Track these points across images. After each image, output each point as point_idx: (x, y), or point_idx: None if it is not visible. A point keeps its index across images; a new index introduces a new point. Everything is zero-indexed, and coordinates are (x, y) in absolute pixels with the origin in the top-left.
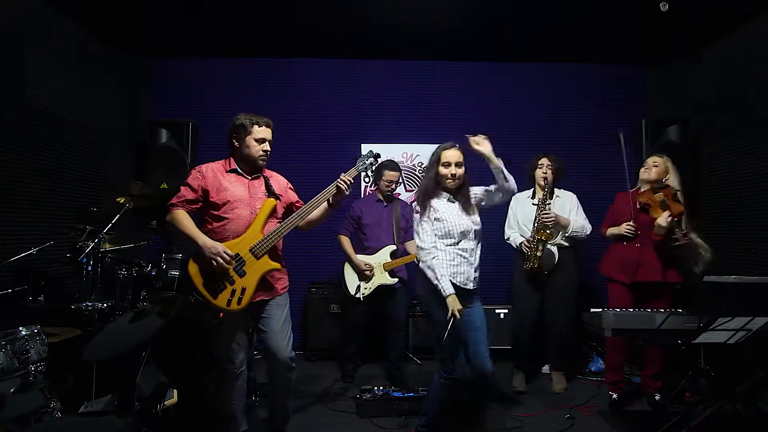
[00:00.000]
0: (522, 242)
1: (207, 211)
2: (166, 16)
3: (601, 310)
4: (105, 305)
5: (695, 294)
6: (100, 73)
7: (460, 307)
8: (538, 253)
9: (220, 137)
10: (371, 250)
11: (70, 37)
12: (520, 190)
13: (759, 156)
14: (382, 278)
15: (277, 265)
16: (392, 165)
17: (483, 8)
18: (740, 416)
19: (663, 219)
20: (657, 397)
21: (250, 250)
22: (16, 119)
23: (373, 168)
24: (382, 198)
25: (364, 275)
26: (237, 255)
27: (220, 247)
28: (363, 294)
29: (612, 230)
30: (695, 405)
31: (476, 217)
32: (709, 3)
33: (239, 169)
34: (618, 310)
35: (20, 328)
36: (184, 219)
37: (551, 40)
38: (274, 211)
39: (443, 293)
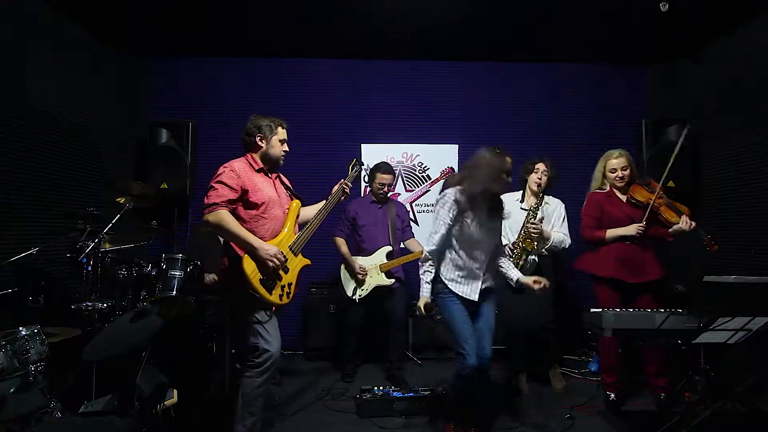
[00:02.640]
0: (506, 247)
1: (244, 211)
2: (166, 16)
3: (600, 310)
4: (105, 305)
5: (695, 294)
6: (100, 73)
7: (421, 307)
8: (521, 262)
9: (220, 137)
10: (367, 252)
11: (70, 37)
12: (509, 191)
13: (759, 156)
14: (378, 279)
15: (309, 261)
16: (385, 168)
17: (483, 8)
18: (740, 416)
19: (685, 224)
20: (662, 396)
21: (290, 248)
22: (16, 119)
23: (362, 172)
24: (376, 199)
25: (358, 278)
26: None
27: (275, 248)
28: (360, 296)
29: (616, 231)
30: (695, 405)
31: (497, 230)
32: (709, 3)
33: (264, 169)
34: (618, 310)
35: (20, 328)
36: (232, 220)
37: (551, 40)
38: (299, 211)
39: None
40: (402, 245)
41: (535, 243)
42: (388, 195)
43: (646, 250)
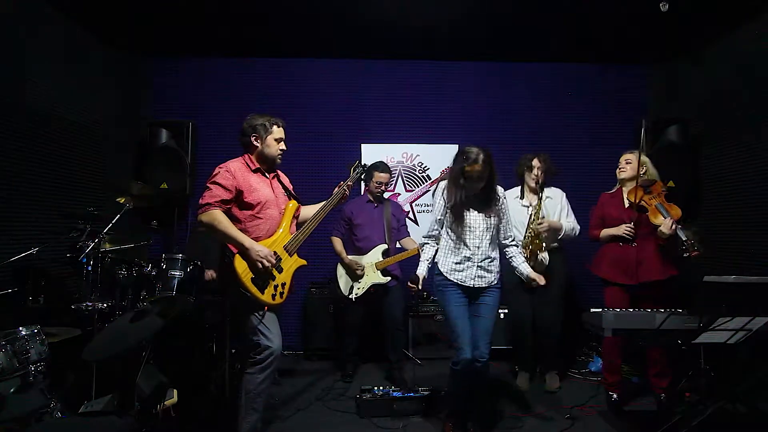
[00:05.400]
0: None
1: (239, 211)
2: (167, 16)
3: (601, 310)
4: (105, 305)
5: (695, 294)
6: (100, 73)
7: (413, 284)
8: (531, 263)
9: (219, 137)
10: (363, 251)
11: (70, 37)
12: (507, 188)
13: (758, 156)
14: (374, 277)
15: (305, 261)
16: (382, 167)
17: (483, 8)
18: (740, 416)
19: (666, 226)
20: (662, 397)
21: (284, 248)
22: (17, 119)
23: (363, 173)
24: (372, 199)
25: (355, 275)
26: (275, 253)
27: (266, 250)
28: (356, 294)
29: (608, 231)
30: (695, 405)
31: (491, 219)
32: (709, 3)
33: (261, 169)
34: (618, 310)
35: (20, 328)
36: (225, 219)
37: (552, 40)
38: (296, 211)
39: None
40: (398, 244)
41: (544, 243)
42: (384, 194)
43: (646, 251)
